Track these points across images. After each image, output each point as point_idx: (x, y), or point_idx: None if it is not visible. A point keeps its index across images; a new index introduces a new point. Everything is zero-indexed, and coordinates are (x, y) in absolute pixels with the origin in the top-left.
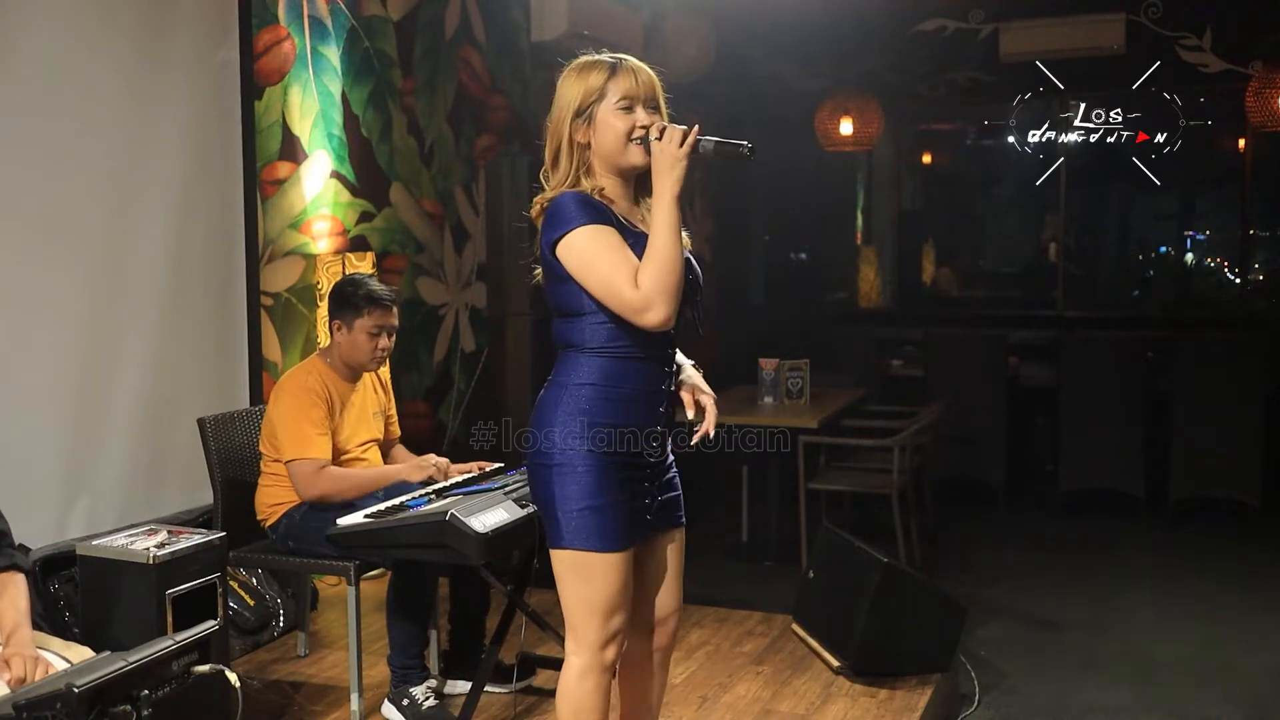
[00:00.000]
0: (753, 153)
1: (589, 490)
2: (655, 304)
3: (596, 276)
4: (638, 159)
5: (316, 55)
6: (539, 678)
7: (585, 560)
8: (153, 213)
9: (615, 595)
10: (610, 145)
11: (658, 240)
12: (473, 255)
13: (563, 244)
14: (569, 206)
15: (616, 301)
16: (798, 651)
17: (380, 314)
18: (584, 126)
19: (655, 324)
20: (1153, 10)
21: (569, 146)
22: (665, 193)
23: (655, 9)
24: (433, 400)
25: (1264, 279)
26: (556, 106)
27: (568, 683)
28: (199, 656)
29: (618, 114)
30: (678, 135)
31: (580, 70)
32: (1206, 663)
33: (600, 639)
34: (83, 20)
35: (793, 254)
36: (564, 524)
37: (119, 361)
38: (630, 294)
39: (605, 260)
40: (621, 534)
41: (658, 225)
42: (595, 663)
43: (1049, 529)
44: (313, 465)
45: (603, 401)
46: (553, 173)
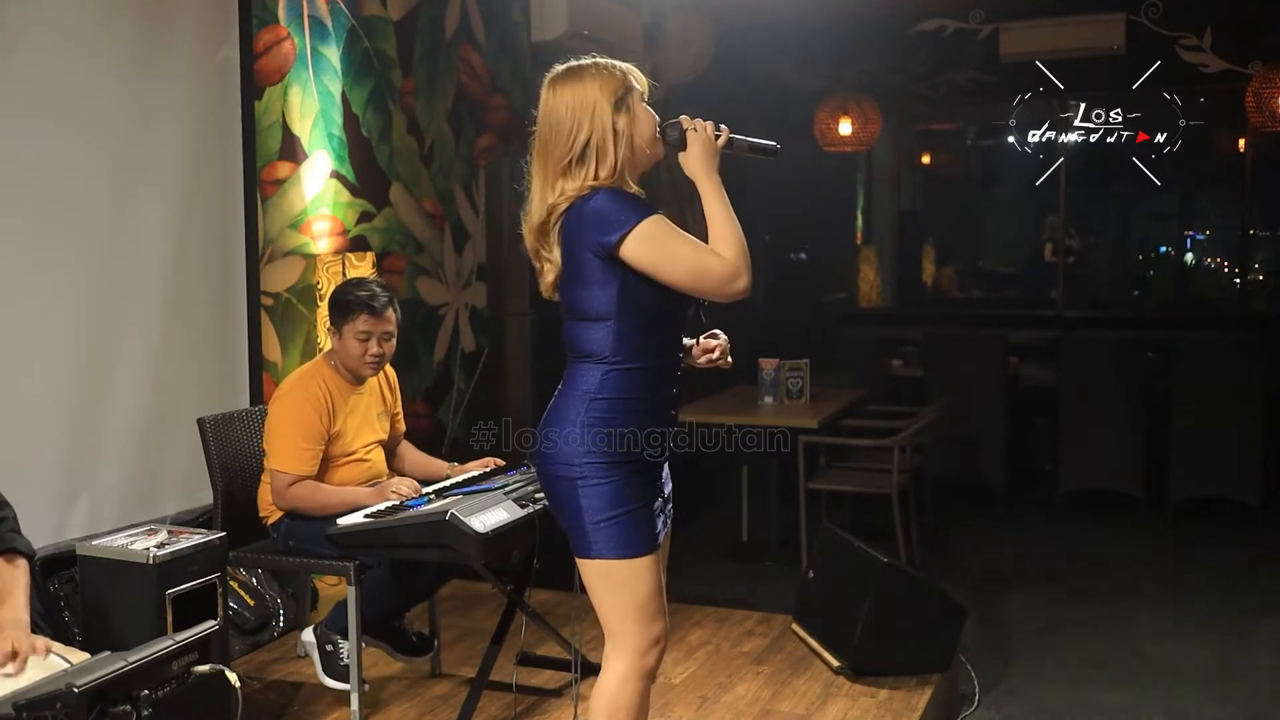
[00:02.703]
0: (778, 154)
1: (614, 500)
2: (743, 272)
3: (684, 260)
4: (660, 152)
5: (316, 55)
6: (539, 677)
7: (615, 569)
8: (153, 212)
9: (652, 599)
10: (646, 134)
11: (721, 216)
12: (473, 255)
13: (630, 241)
14: (617, 205)
15: (709, 279)
16: (798, 651)
17: (368, 319)
18: (624, 116)
19: (742, 291)
20: (1153, 10)
21: (614, 137)
22: (712, 175)
23: (655, 9)
24: (433, 400)
25: (1264, 279)
26: (579, 105)
27: (607, 688)
28: (199, 656)
29: (646, 106)
30: (711, 128)
31: (598, 69)
32: (1206, 663)
33: (643, 644)
34: (82, 20)
35: (793, 254)
36: (592, 535)
37: (119, 361)
38: (720, 266)
39: (684, 243)
40: (646, 538)
41: (716, 207)
42: (637, 668)
43: (1049, 529)
44: (286, 479)
45: (619, 413)
46: (577, 169)
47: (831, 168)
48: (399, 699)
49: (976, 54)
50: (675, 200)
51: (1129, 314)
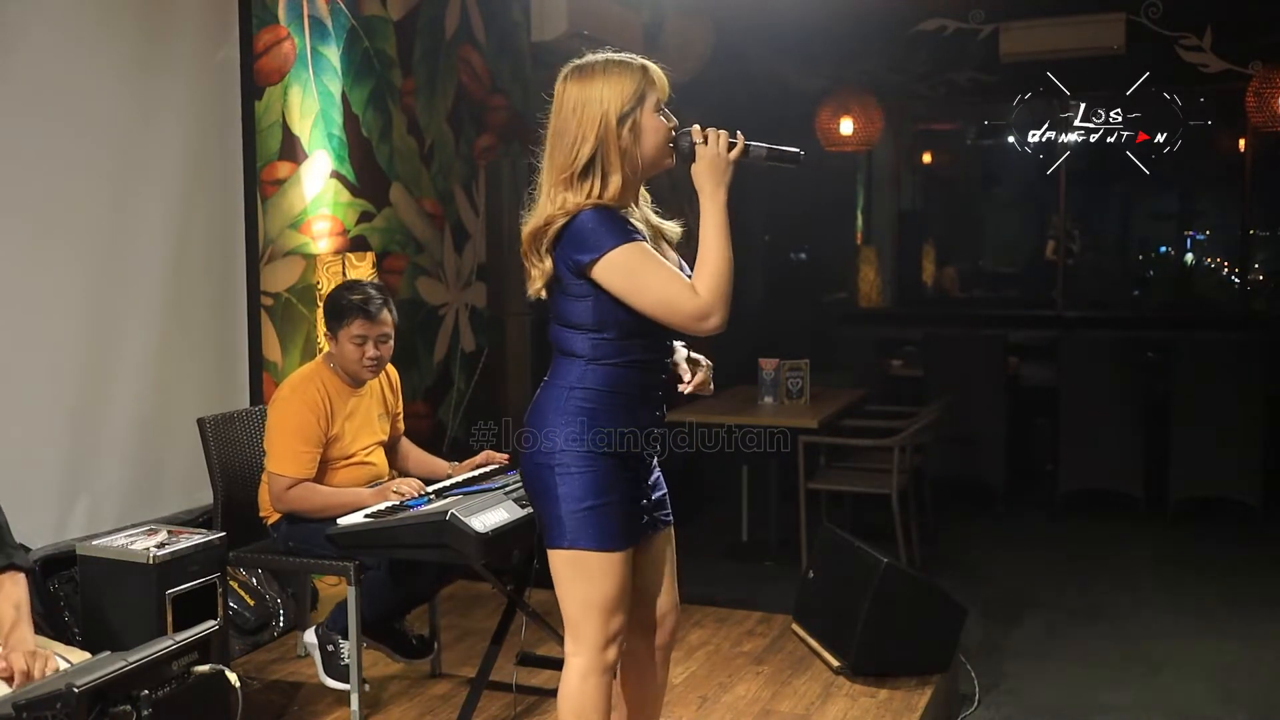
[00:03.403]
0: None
1: (588, 490)
2: (715, 311)
3: (651, 294)
4: (671, 163)
5: (316, 55)
6: (539, 677)
7: (585, 560)
8: (153, 213)
9: (615, 595)
10: (654, 151)
11: (713, 248)
12: (473, 255)
13: (601, 266)
14: (599, 225)
15: (676, 314)
16: (798, 651)
17: (363, 323)
18: (629, 132)
19: (713, 329)
20: (1153, 10)
21: (618, 153)
22: (717, 198)
23: (655, 9)
24: (433, 400)
25: (1264, 279)
26: (585, 114)
27: (569, 684)
28: (199, 656)
29: (657, 118)
30: (724, 140)
31: (610, 72)
32: (1207, 663)
33: (601, 639)
34: (82, 20)
35: (793, 254)
36: (564, 523)
37: (119, 361)
38: (691, 304)
39: (656, 276)
40: (620, 534)
41: (711, 232)
42: (597, 663)
43: (1049, 529)
44: (285, 482)
45: (601, 404)
46: (579, 184)
47: (832, 168)
48: (399, 699)
49: (976, 54)
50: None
51: (1129, 314)
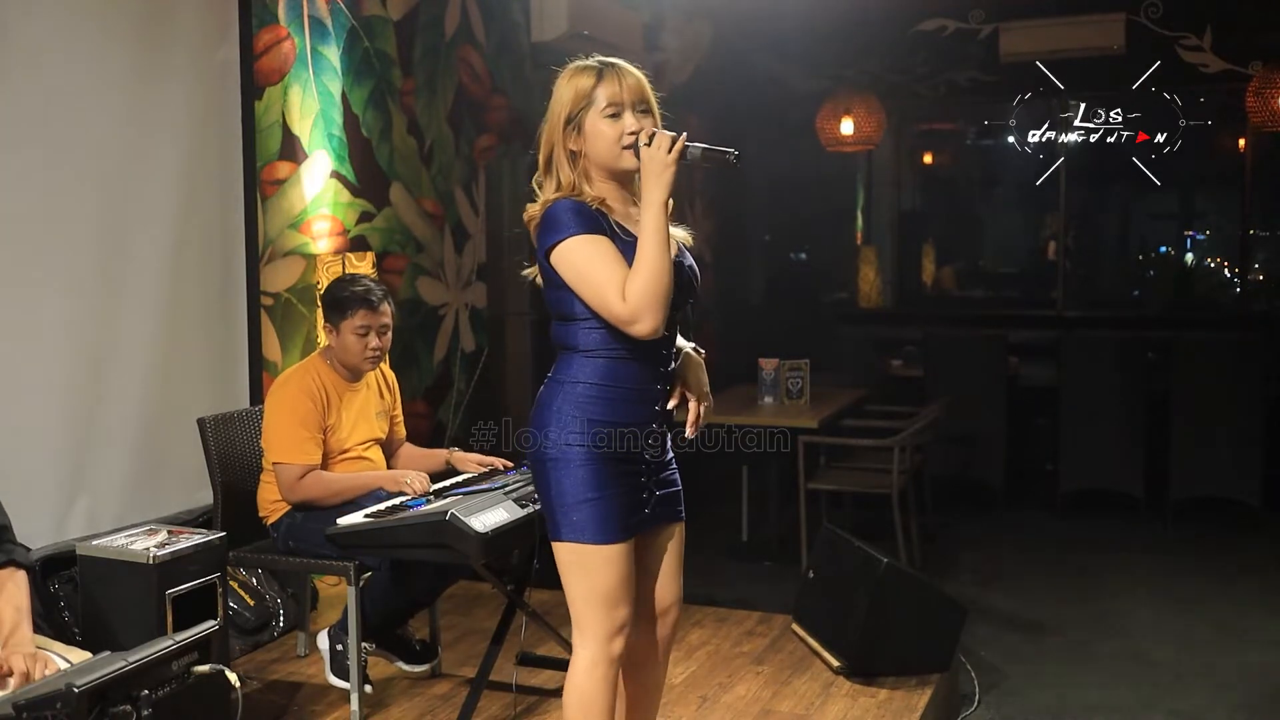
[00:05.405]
0: (739, 160)
1: (586, 484)
2: (643, 315)
3: (588, 287)
4: (631, 164)
5: (316, 55)
6: (539, 677)
7: (584, 553)
8: (153, 213)
9: (617, 587)
10: (603, 152)
11: (645, 250)
12: (473, 255)
13: (556, 253)
14: (562, 215)
15: (606, 313)
16: (798, 651)
17: (365, 313)
18: (575, 134)
19: (644, 334)
20: (1153, 10)
21: (565, 155)
22: (654, 200)
23: (655, 9)
24: (433, 400)
25: (1264, 279)
26: (550, 114)
27: (576, 676)
28: (199, 656)
29: (606, 120)
30: (666, 141)
31: (570, 76)
32: (1206, 663)
33: (606, 631)
34: (82, 20)
35: (792, 254)
36: (562, 518)
37: (119, 361)
38: (619, 306)
39: (596, 271)
40: (618, 527)
41: (645, 234)
42: (602, 655)
43: (1049, 529)
44: (297, 471)
45: (599, 399)
46: (546, 179)
47: (832, 168)
48: (399, 699)
49: (976, 54)
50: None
51: (1129, 314)
